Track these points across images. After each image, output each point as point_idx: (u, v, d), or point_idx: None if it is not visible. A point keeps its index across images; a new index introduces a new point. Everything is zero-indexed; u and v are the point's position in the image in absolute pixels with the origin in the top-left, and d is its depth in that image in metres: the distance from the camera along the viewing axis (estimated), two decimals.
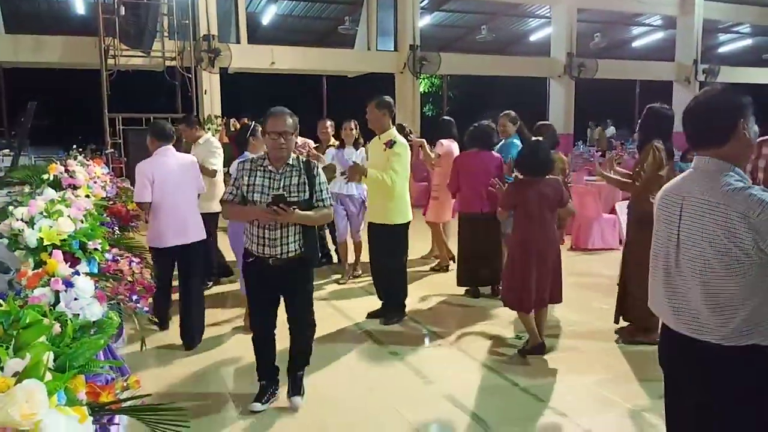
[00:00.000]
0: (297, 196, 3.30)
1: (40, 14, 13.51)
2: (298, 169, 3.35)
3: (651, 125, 4.33)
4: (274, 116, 3.29)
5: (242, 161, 3.38)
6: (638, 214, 4.34)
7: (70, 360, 1.27)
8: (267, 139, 3.31)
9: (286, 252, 3.34)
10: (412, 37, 13.93)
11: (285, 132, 3.24)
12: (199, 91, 11.60)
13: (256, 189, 3.28)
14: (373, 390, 3.84)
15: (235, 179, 3.37)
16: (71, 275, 1.98)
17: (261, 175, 3.30)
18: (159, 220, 4.44)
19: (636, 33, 20.11)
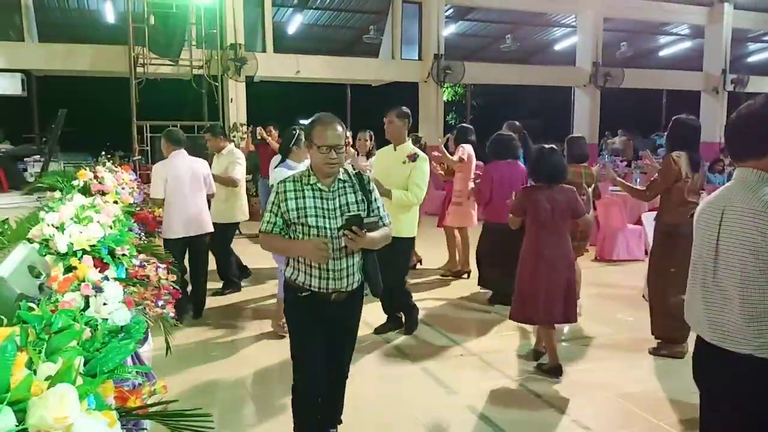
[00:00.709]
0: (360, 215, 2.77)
1: (71, 23, 13.80)
2: (351, 184, 2.82)
3: (677, 136, 4.31)
4: (324, 126, 2.73)
5: (282, 182, 2.78)
6: (663, 225, 4.33)
7: (100, 365, 1.29)
8: (315, 152, 2.73)
9: (352, 283, 2.84)
10: (436, 46, 13.95)
11: (337, 145, 2.71)
12: (226, 100, 11.73)
13: (309, 212, 2.72)
14: (394, 398, 3.83)
15: (273, 204, 2.79)
16: (101, 280, 2.02)
17: (311, 195, 2.74)
18: (170, 215, 5.08)
19: (663, 42, 19.88)
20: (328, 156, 2.70)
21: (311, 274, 2.79)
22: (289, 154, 4.73)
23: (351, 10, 15.46)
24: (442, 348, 4.71)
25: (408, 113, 4.78)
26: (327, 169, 2.73)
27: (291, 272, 2.86)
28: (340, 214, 2.72)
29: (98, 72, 12.26)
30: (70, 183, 4.12)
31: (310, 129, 2.77)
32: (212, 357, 4.48)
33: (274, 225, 2.78)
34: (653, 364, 4.37)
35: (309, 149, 2.79)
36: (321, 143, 2.70)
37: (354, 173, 2.89)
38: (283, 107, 18.29)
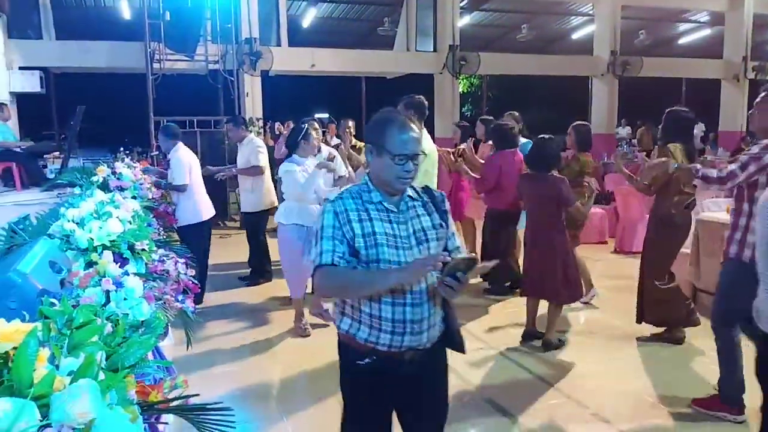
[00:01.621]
0: (439, 245, 2.14)
1: (88, 21, 13.90)
2: (420, 200, 2.18)
3: (671, 127, 4.35)
4: (401, 129, 2.05)
5: (339, 199, 2.11)
6: (659, 215, 4.38)
7: (122, 360, 1.29)
8: (385, 162, 2.05)
9: (433, 337, 2.15)
10: (451, 37, 13.86)
11: (417, 155, 2.06)
12: (241, 94, 11.77)
13: (380, 239, 2.03)
14: None
15: (331, 227, 2.06)
16: (121, 275, 2.03)
17: (378, 218, 2.06)
18: (194, 200, 5.54)
19: (682, 30, 19.58)
20: (406, 167, 2.03)
21: (380, 326, 2.06)
22: (297, 149, 4.72)
23: (365, 2, 15.43)
24: None
25: (416, 102, 4.56)
26: (400, 184, 2.07)
27: (348, 325, 2.15)
28: (415, 242, 2.08)
29: (115, 68, 12.37)
30: (89, 179, 4.14)
31: (378, 132, 2.08)
32: (233, 352, 4.50)
33: (340, 255, 2.02)
34: (665, 355, 4.34)
35: (380, 158, 2.06)
36: (398, 151, 2.02)
37: (421, 188, 2.23)
38: (298, 101, 18.33)
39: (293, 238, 4.68)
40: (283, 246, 4.81)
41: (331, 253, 2.03)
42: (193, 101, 11.80)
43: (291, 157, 4.73)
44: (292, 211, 4.69)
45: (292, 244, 4.69)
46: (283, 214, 4.76)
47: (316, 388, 3.85)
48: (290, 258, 4.76)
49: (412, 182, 2.13)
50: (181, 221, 5.29)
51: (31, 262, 2.06)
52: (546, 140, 4.50)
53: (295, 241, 4.66)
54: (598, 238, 8.13)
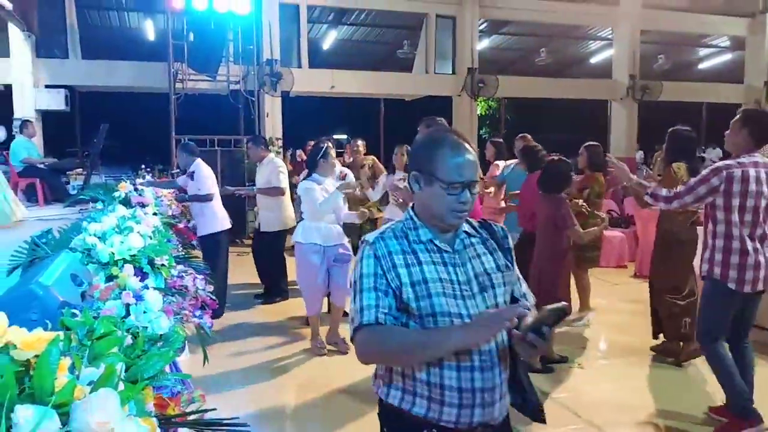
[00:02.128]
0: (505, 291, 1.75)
1: (113, 41, 14.20)
2: (479, 237, 1.78)
3: (675, 148, 4.44)
4: (455, 151, 1.66)
5: (379, 239, 1.67)
6: (664, 232, 4.50)
7: (141, 371, 1.30)
8: (436, 192, 1.66)
9: (505, 408, 1.75)
10: (470, 60, 13.93)
11: (475, 182, 1.68)
12: (262, 114, 11.90)
13: (434, 288, 1.63)
14: None
15: (371, 276, 1.64)
16: (141, 289, 2.04)
17: (429, 260, 1.67)
18: (216, 210, 5.85)
19: (702, 54, 19.52)
20: (460, 199, 1.65)
21: (442, 397, 1.64)
22: (316, 168, 4.76)
23: (385, 25, 15.58)
24: None
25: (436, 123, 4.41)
26: (455, 218, 1.68)
27: (398, 398, 1.71)
28: (478, 289, 1.67)
29: (138, 88, 12.59)
30: (111, 195, 4.20)
31: (425, 156, 1.69)
32: (249, 370, 4.50)
33: (385, 310, 1.61)
34: (680, 377, 4.27)
35: (424, 186, 1.69)
36: (453, 179, 1.64)
37: (479, 221, 1.84)
38: (317, 121, 18.47)
39: (311, 258, 4.70)
40: (301, 265, 4.82)
41: (374, 309, 1.60)
42: (214, 121, 11.95)
43: (311, 176, 4.76)
44: (311, 230, 4.71)
45: (309, 264, 4.71)
46: (302, 234, 4.78)
47: (332, 408, 3.83)
48: (307, 277, 4.78)
49: (468, 215, 1.74)
50: (202, 231, 5.47)
51: (52, 275, 2.08)
52: (555, 162, 4.59)
53: (313, 261, 4.69)
54: (618, 262, 8.05)
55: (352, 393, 4.00)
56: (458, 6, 13.95)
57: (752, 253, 3.27)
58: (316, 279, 4.71)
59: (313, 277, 4.71)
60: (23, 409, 0.90)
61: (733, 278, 3.30)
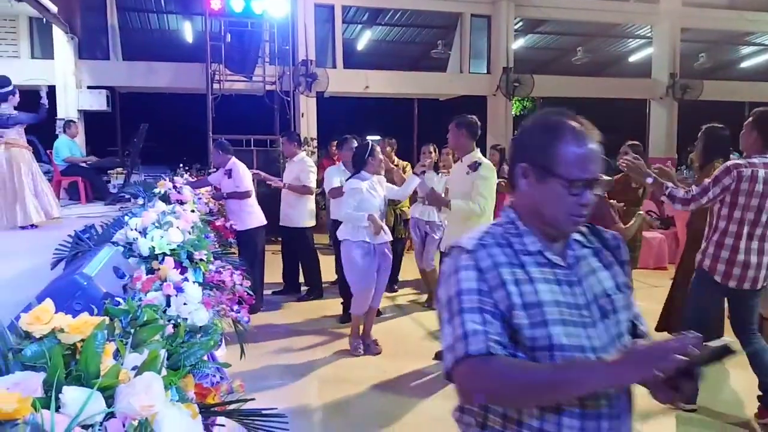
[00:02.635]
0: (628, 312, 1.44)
1: (153, 43, 14.49)
2: (593, 247, 1.47)
3: (710, 146, 4.40)
4: (580, 141, 1.38)
5: (480, 246, 1.34)
6: (692, 229, 4.49)
7: (183, 359, 1.31)
8: (553, 190, 1.36)
9: None
10: (505, 59, 13.82)
11: (598, 180, 1.39)
12: (297, 114, 11.99)
13: (550, 315, 1.31)
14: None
15: (472, 293, 1.30)
16: (181, 281, 2.07)
17: (541, 276, 1.35)
18: (254, 206, 5.99)
19: (745, 53, 19.00)
20: (581, 200, 1.36)
21: None
22: (365, 166, 4.70)
23: (419, 25, 15.55)
24: None
25: (470, 121, 4.42)
26: (572, 224, 1.39)
27: None
28: (599, 314, 1.35)
29: (177, 88, 12.81)
30: (151, 191, 4.28)
31: (541, 145, 1.38)
32: (282, 368, 4.51)
33: (495, 338, 1.27)
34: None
35: (535, 183, 1.39)
36: (576, 175, 1.34)
37: (587, 226, 1.51)
38: (351, 122, 18.53)
39: (363, 256, 4.65)
40: (352, 263, 4.70)
41: (483, 336, 1.25)
42: (250, 121, 12.10)
43: (359, 173, 4.73)
44: (359, 229, 4.65)
45: (362, 262, 4.65)
46: (351, 232, 4.70)
47: (366, 406, 3.83)
48: (361, 275, 4.69)
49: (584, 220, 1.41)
50: (238, 228, 5.55)
51: (95, 267, 2.12)
52: None
53: (365, 259, 4.64)
54: (657, 264, 7.89)
55: (387, 393, 3.99)
56: (493, 5, 13.85)
57: (744, 251, 3.37)
58: (369, 278, 4.68)
59: (366, 276, 4.66)
60: (71, 390, 0.91)
61: (720, 272, 3.43)
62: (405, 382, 4.16)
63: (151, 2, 13.22)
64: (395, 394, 3.97)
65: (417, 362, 4.53)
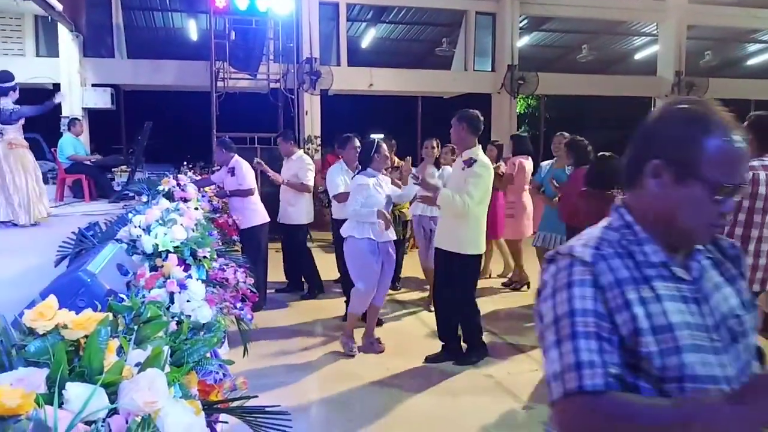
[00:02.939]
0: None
1: (158, 41, 14.52)
2: (713, 258, 1.28)
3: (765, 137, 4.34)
4: (729, 137, 1.16)
5: (598, 257, 1.14)
6: None
7: (186, 355, 1.31)
8: (693, 194, 1.16)
9: None
10: (510, 57, 13.79)
11: (744, 186, 1.20)
12: (301, 112, 11.99)
13: (682, 339, 1.12)
14: (465, 414, 3.76)
15: (583, 313, 1.12)
16: (185, 278, 2.07)
17: (667, 293, 1.16)
18: (257, 203, 6.01)
19: (751, 50, 18.92)
20: (725, 208, 1.18)
21: None
22: (371, 163, 4.67)
23: (424, 23, 15.53)
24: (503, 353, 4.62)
25: (471, 116, 4.37)
26: (708, 236, 1.24)
27: None
28: (729, 338, 1.19)
29: (182, 86, 12.82)
30: (155, 189, 4.29)
31: (685, 139, 1.17)
32: (286, 367, 4.49)
33: (614, 371, 1.10)
34: None
35: (671, 184, 1.18)
36: (725, 179, 1.16)
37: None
38: (355, 120, 18.53)
39: (368, 254, 4.58)
40: (357, 261, 4.64)
41: (601, 368, 1.08)
42: (255, 119, 12.09)
43: (366, 170, 4.70)
44: (364, 224, 4.59)
45: (367, 260, 4.58)
46: (356, 229, 4.63)
47: (363, 405, 3.83)
48: (366, 273, 4.62)
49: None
50: (242, 226, 5.56)
51: (99, 264, 2.12)
52: (606, 158, 4.52)
53: (370, 257, 4.58)
54: None
55: (389, 390, 4.00)
56: (498, 3, 13.82)
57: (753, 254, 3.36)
58: (374, 276, 4.61)
59: (371, 274, 4.60)
60: (74, 386, 0.91)
61: None
62: (407, 380, 4.16)
63: (156, 0, 13.24)
64: (397, 391, 3.97)
65: (419, 360, 4.53)
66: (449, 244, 4.37)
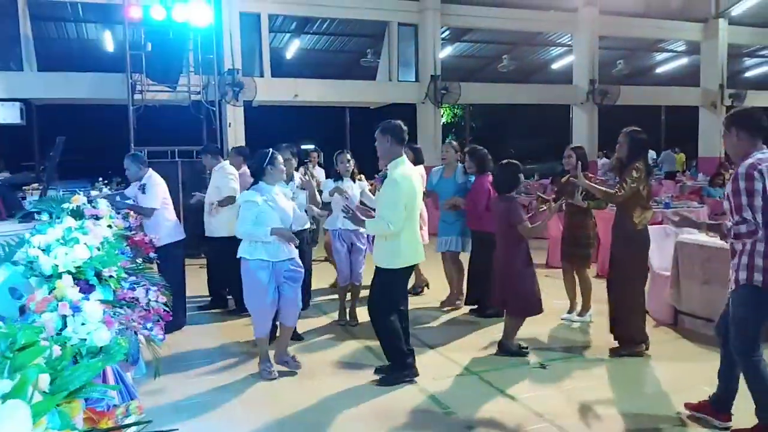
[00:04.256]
0: None
1: (71, 53, 13.94)
2: None
3: (632, 147, 4.65)
4: None
5: None
6: (622, 232, 4.63)
7: (66, 383, 1.24)
8: None
9: None
10: (433, 67, 14.02)
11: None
12: (224, 124, 11.77)
13: None
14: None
15: None
16: (80, 300, 1.97)
17: None
18: (170, 220, 5.75)
19: (660, 59, 19.99)
20: None
21: None
22: (263, 176, 4.36)
23: (348, 34, 15.61)
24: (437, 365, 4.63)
25: (392, 126, 4.18)
26: None
27: None
28: None
29: (97, 100, 12.35)
30: (60, 207, 4.08)
31: None
32: (196, 398, 4.14)
33: None
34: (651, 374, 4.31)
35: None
36: None
37: None
38: (283, 131, 18.37)
39: (258, 275, 4.28)
40: (248, 283, 4.36)
41: None
42: (177, 132, 11.77)
43: (257, 185, 4.36)
44: (256, 245, 4.28)
45: (256, 282, 4.29)
46: (247, 249, 4.33)
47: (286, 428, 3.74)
48: (255, 296, 4.35)
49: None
50: (161, 242, 5.27)
51: None
52: (504, 165, 4.88)
53: (260, 278, 4.28)
54: None
55: (302, 421, 3.87)
56: (420, 14, 14.05)
57: None
58: (264, 298, 4.30)
59: (261, 296, 4.30)
60: None
61: None
62: (328, 399, 4.07)
63: (68, 11, 12.70)
64: (319, 413, 3.88)
65: (340, 381, 4.38)
66: (379, 259, 4.23)
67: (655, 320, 5.53)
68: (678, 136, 21.01)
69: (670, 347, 4.94)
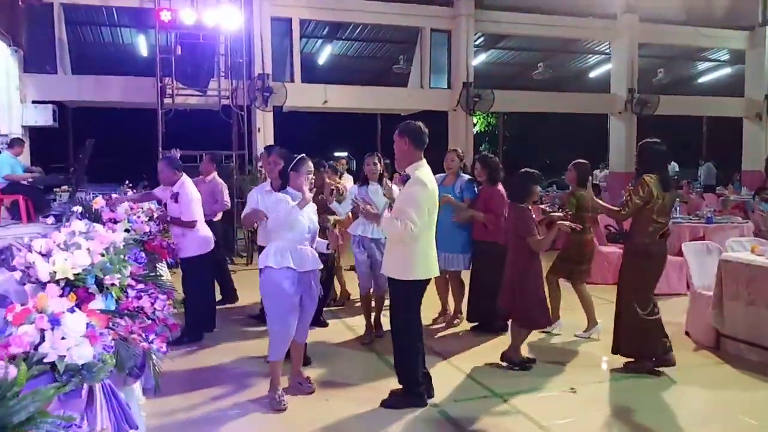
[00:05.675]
0: None
1: (105, 57, 14.10)
2: None
3: (647, 159, 4.53)
4: None
5: None
6: (633, 245, 4.53)
7: (7, 416, 1.06)
8: None
9: None
10: (465, 74, 13.78)
11: None
12: (253, 129, 11.72)
13: None
14: None
15: None
16: (65, 312, 1.80)
17: None
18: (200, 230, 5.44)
19: (702, 68, 19.40)
20: None
21: None
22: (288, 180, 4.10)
23: (380, 40, 15.49)
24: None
25: (411, 128, 3.90)
26: None
27: None
28: None
29: (129, 103, 12.45)
30: (70, 209, 3.98)
31: None
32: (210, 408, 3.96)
33: None
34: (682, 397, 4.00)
35: None
36: None
37: None
38: (314, 137, 18.34)
39: (284, 286, 3.91)
40: (274, 295, 3.96)
41: None
42: (206, 136, 11.78)
43: (285, 189, 4.09)
44: (284, 253, 3.94)
45: (282, 292, 3.91)
46: (273, 257, 3.94)
47: None
48: (280, 309, 3.96)
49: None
50: (182, 254, 5.19)
51: None
52: (520, 173, 4.71)
53: (287, 289, 3.91)
54: (615, 279, 7.76)
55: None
56: (453, 20, 13.83)
57: None
58: (290, 312, 3.95)
59: (286, 310, 3.93)
60: None
61: None
62: (341, 423, 3.81)
63: (103, 16, 12.86)
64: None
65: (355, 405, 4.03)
66: (392, 270, 3.92)
67: (696, 343, 5.22)
68: (719, 146, 20.33)
69: (710, 372, 4.64)
